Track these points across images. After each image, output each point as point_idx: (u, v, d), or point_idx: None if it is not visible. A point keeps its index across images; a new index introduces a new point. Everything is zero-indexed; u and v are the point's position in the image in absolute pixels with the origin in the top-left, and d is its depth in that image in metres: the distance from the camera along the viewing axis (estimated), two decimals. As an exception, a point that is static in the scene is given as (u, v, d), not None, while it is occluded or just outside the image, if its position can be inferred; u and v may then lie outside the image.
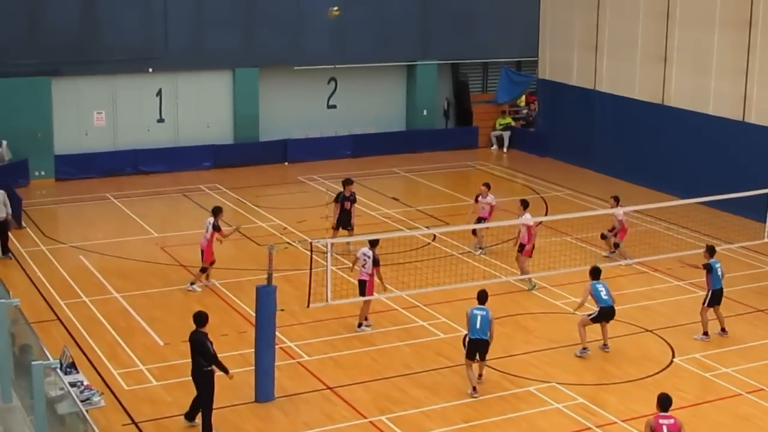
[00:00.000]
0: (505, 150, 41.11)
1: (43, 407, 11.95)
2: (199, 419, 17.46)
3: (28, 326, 15.16)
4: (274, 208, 31.25)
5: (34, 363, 11.96)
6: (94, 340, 21.42)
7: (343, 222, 26.86)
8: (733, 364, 20.58)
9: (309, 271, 19.57)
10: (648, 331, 22.23)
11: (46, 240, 28.35)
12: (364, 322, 22.23)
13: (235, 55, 37.71)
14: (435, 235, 28.00)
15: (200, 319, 17.35)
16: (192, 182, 34.86)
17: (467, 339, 19.20)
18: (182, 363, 19.54)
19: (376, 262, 21.88)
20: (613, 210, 26.50)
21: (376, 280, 22.04)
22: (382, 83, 40.98)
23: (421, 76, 41.05)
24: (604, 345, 21.13)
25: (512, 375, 19.67)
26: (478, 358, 19.20)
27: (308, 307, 19.64)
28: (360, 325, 22.18)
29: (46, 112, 34.96)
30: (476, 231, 27.29)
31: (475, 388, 18.91)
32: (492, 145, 41.58)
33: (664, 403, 15.17)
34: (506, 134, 41.39)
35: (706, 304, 21.82)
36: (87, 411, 12.24)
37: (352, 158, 38.80)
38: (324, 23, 38.49)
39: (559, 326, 22.57)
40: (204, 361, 17.10)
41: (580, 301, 21.14)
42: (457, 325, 22.19)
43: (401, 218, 30.71)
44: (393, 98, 41.43)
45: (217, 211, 24.92)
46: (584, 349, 20.81)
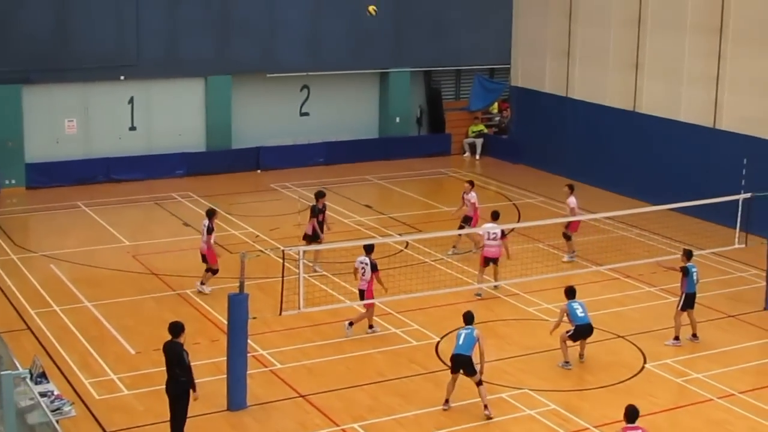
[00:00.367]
0: (478, 157, 41.17)
1: (13, 418, 11.83)
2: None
3: (-3, 336, 15.07)
4: (247, 216, 31.18)
5: (3, 373, 11.84)
6: (65, 349, 21.29)
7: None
8: (705, 370, 20.67)
9: (281, 279, 19.53)
10: (620, 337, 22.30)
11: (17, 249, 28.17)
12: (374, 325, 22.35)
13: (208, 63, 37.62)
14: (408, 243, 28.00)
15: (175, 329, 17.20)
16: (164, 190, 34.73)
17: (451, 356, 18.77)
18: (154, 372, 19.49)
19: (375, 268, 21.82)
20: (567, 199, 27.42)
21: (377, 285, 21.98)
22: (354, 91, 40.99)
23: (393, 84, 41.10)
24: (580, 356, 20.96)
25: (485, 382, 19.61)
26: (466, 376, 18.51)
27: (280, 314, 19.60)
28: (371, 327, 22.27)
29: (16, 120, 34.77)
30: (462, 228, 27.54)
31: (447, 401, 18.60)
32: (465, 153, 41.63)
33: (631, 414, 15.28)
34: (479, 141, 41.45)
35: (680, 308, 21.93)
36: (58, 421, 12.15)
37: (325, 166, 38.77)
38: (297, 31, 38.53)
39: (532, 333, 22.60)
40: (180, 372, 17.01)
41: (555, 321, 20.83)
42: (430, 333, 22.22)
43: (374, 225, 30.70)
44: (366, 106, 41.44)
45: (211, 214, 24.83)
46: (566, 363, 20.60)
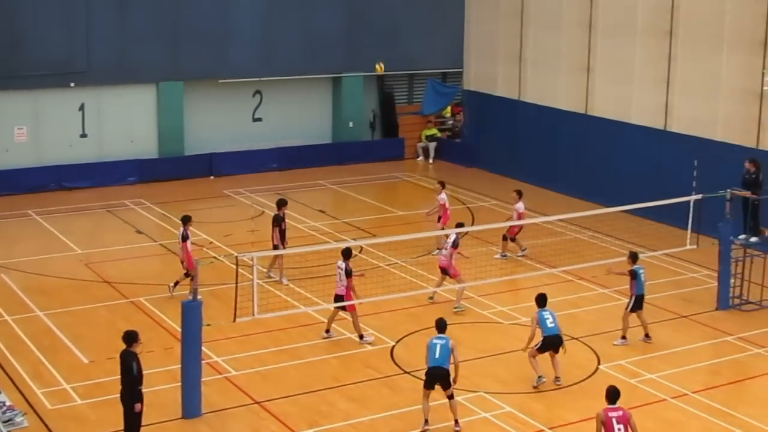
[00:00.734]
0: (431, 161, 41.26)
1: (-38, 429, 11.72)
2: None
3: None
4: (200, 223, 30.92)
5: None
6: (16, 359, 21.05)
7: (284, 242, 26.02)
8: (658, 370, 20.81)
9: (235, 286, 19.44)
10: (574, 338, 22.38)
11: (-33, 258, 27.91)
12: (364, 334, 22.09)
13: (159, 69, 37.39)
14: (362, 247, 27.97)
15: (128, 338, 17.08)
16: (117, 197, 34.49)
17: (426, 369, 18.10)
18: (108, 381, 19.36)
19: (348, 274, 21.72)
20: (515, 205, 27.84)
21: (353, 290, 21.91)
22: (307, 96, 40.93)
23: (347, 89, 41.08)
24: (557, 379, 20.01)
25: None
26: (441, 389, 18.05)
27: (234, 321, 19.48)
28: (362, 337, 22.02)
29: (-35, 128, 34.48)
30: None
31: (426, 421, 18.06)
32: (418, 157, 41.71)
33: (612, 395, 15.45)
34: (432, 145, 41.54)
35: (629, 309, 22.10)
36: (8, 432, 12.04)
37: (279, 171, 38.66)
38: (249, 36, 38.44)
39: (487, 336, 22.66)
40: (128, 382, 16.87)
41: (529, 334, 20.08)
42: (385, 337, 22.22)
43: (328, 231, 30.65)
44: (319, 111, 41.40)
45: (185, 220, 24.66)
46: (539, 378, 19.87)
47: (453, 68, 42.11)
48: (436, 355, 17.89)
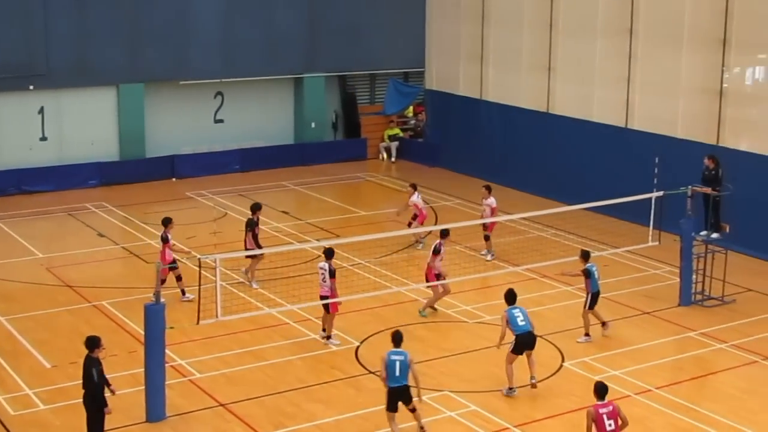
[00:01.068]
0: (393, 160, 41.28)
1: None
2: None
3: None
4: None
5: None
6: (-22, 365, 20.91)
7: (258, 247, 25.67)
8: (622, 367, 20.90)
9: (198, 288, 19.35)
10: (538, 336, 22.38)
11: (-73, 264, 27.63)
12: (332, 334, 22.03)
13: (119, 71, 37.14)
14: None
15: (90, 343, 16.95)
16: (78, 201, 34.23)
17: (387, 388, 17.39)
18: (71, 386, 19.19)
19: (332, 274, 21.56)
20: (487, 200, 27.97)
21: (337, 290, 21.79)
22: (269, 97, 40.82)
23: (308, 89, 41.00)
24: (532, 378, 19.48)
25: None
26: (403, 405, 17.51)
27: (198, 323, 19.39)
28: (329, 338, 21.95)
29: (-77, 132, 34.14)
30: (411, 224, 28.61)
31: None
32: (381, 157, 41.72)
33: (601, 391, 15.52)
34: (394, 145, 41.55)
35: (588, 308, 22.22)
36: (-31, 438, 11.93)
37: (241, 173, 38.52)
38: (209, 37, 38.28)
39: (450, 335, 22.70)
40: (88, 388, 16.76)
41: (500, 334, 19.58)
42: (349, 338, 22.18)
43: (292, 232, 30.58)
44: (281, 111, 41.30)
45: (166, 222, 24.47)
46: (510, 389, 19.48)
47: (415, 68, 42.15)
48: (396, 373, 17.24)
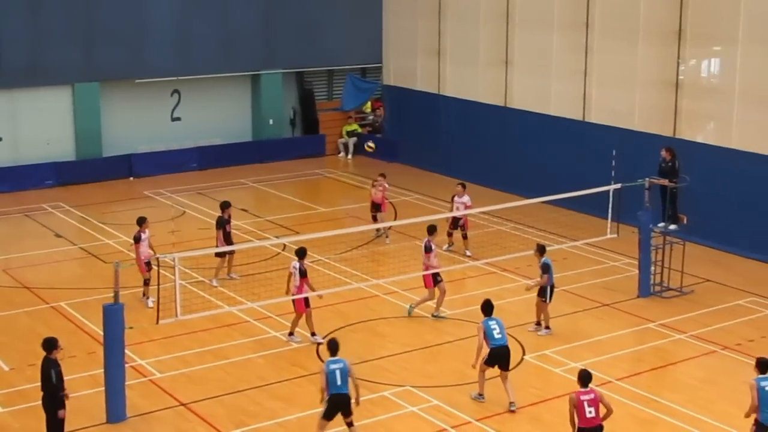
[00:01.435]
0: (350, 157, 41.24)
1: None
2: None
3: None
4: (121, 225, 30.58)
5: None
6: (-66, 369, 20.68)
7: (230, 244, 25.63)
8: (582, 359, 20.95)
9: (157, 288, 19.24)
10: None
11: None
12: (294, 334, 21.94)
13: (74, 70, 36.84)
14: (285, 245, 27.83)
15: (47, 345, 16.81)
16: (34, 201, 33.94)
17: (327, 397, 17.00)
18: (29, 388, 19.02)
19: (303, 274, 21.49)
20: (462, 198, 27.69)
21: (308, 289, 21.62)
22: (226, 94, 40.66)
23: (265, 86, 40.89)
24: (511, 405, 18.78)
25: (367, 381, 19.58)
26: (342, 417, 17.18)
27: (158, 323, 19.28)
28: (291, 335, 21.92)
29: None
30: (377, 218, 28.71)
31: None
32: (340, 153, 41.67)
33: (584, 378, 15.72)
34: (352, 141, 41.51)
35: (549, 301, 22.27)
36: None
37: (199, 171, 38.35)
38: (165, 35, 38.08)
39: (412, 330, 22.70)
40: (47, 389, 16.61)
41: (476, 347, 18.82)
42: (309, 334, 22.11)
43: (251, 229, 30.48)
44: (238, 109, 41.15)
45: (140, 222, 24.28)
46: (480, 395, 19.12)
47: (372, 63, 42.18)
48: (338, 382, 16.93)
